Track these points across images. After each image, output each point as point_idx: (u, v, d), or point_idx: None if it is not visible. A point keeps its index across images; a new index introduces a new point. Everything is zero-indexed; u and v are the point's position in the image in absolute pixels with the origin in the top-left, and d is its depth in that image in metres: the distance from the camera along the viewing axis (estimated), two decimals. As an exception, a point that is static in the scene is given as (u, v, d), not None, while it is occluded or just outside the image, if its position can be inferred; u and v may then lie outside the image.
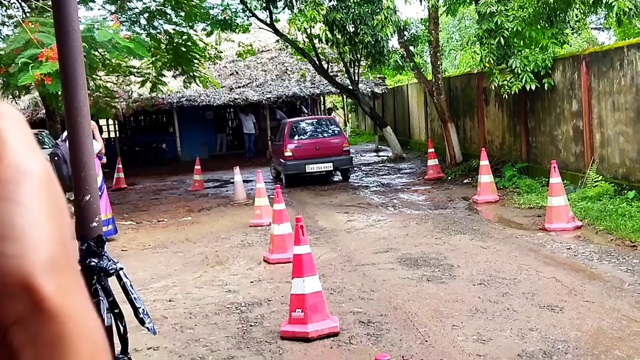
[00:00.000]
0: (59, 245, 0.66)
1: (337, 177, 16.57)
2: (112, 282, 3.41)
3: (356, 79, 19.95)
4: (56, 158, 9.47)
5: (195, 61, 15.76)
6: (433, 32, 16.06)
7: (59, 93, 10.42)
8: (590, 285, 6.42)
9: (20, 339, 0.63)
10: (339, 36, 16.05)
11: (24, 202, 0.64)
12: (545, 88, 12.34)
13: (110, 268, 2.89)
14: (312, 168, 15.39)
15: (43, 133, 16.11)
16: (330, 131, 16.24)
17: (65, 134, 9.66)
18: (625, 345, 4.88)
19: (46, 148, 14.91)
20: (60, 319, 0.63)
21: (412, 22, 17.06)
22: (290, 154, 15.39)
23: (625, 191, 9.96)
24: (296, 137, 15.79)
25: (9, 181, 0.64)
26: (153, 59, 15.32)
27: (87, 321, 0.67)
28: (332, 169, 15.60)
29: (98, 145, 9.27)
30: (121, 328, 3.06)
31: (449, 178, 15.13)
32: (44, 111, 17.31)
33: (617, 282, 6.48)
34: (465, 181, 14.49)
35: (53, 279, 0.63)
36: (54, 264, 0.64)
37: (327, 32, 15.27)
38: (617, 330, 5.20)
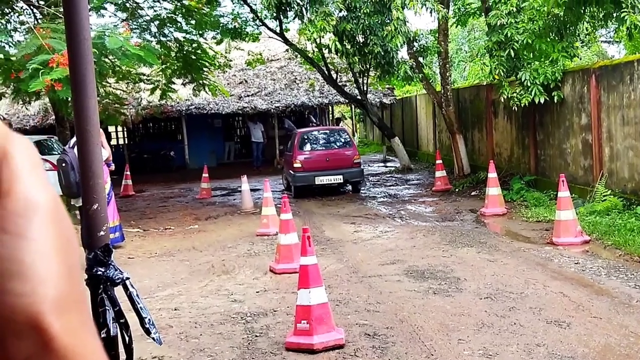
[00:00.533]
0: (68, 282, 0.65)
1: (348, 188, 16.25)
2: (118, 291, 3.41)
3: (365, 89, 19.97)
4: (64, 164, 9.50)
5: (205, 69, 15.80)
6: (442, 43, 16.07)
7: (69, 99, 10.48)
8: (597, 301, 6.37)
9: None
10: (348, 46, 16.07)
11: (34, 237, 0.63)
12: (555, 101, 12.31)
13: (116, 277, 2.89)
14: (321, 180, 15.09)
15: (52, 139, 16.17)
16: (341, 142, 16.03)
17: (73, 140, 9.70)
18: (633, 362, 4.84)
19: (55, 154, 14.96)
20: (68, 358, 0.63)
21: (422, 33, 17.09)
22: (299, 165, 15.17)
23: (634, 206, 9.90)
24: (306, 148, 15.59)
25: (18, 215, 0.63)
26: (163, 66, 15.38)
27: (94, 357, 0.66)
28: (342, 181, 15.32)
29: (105, 153, 9.29)
30: (126, 338, 3.06)
31: (457, 190, 15.09)
32: (53, 117, 17.38)
33: (625, 298, 6.43)
34: (473, 193, 14.44)
35: (61, 317, 0.63)
36: (62, 302, 0.64)
37: (337, 43, 15.31)
38: (625, 347, 5.15)
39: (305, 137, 16.01)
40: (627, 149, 10.41)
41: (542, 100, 12.32)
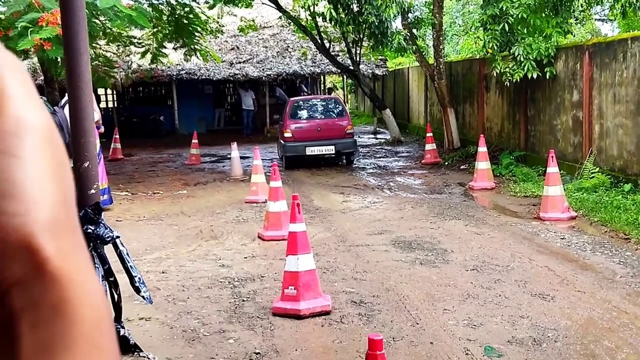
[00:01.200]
0: (61, 205, 0.64)
1: (344, 161, 15.78)
2: (108, 250, 3.41)
3: (358, 59, 19.85)
4: (53, 125, 9.41)
5: (197, 34, 15.64)
6: (437, 15, 15.96)
7: (59, 59, 10.35)
8: (582, 276, 6.44)
9: (20, 301, 0.61)
10: (342, 15, 15.92)
11: (26, 157, 0.61)
12: (547, 77, 12.31)
13: (107, 236, 2.89)
14: (312, 151, 14.71)
15: (41, 99, 16.02)
16: (334, 112, 15.60)
17: (64, 100, 9.59)
18: (614, 336, 4.91)
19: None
20: (63, 283, 0.62)
21: (417, 5, 16.97)
22: (290, 134, 14.79)
23: (622, 184, 9.97)
24: (297, 117, 15.21)
25: (10, 133, 0.61)
26: (154, 30, 15.20)
27: (90, 284, 0.65)
28: (334, 152, 14.91)
29: (96, 115, 9.21)
30: (115, 296, 3.07)
31: (446, 163, 15.13)
32: (42, 77, 17.18)
33: (610, 273, 6.51)
34: (462, 167, 14.49)
35: (55, 240, 0.62)
36: (55, 225, 0.62)
37: (332, 10, 15.18)
38: (607, 321, 5.22)
39: (297, 106, 15.62)
40: (617, 127, 10.45)
41: (534, 76, 12.31)
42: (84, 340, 0.62)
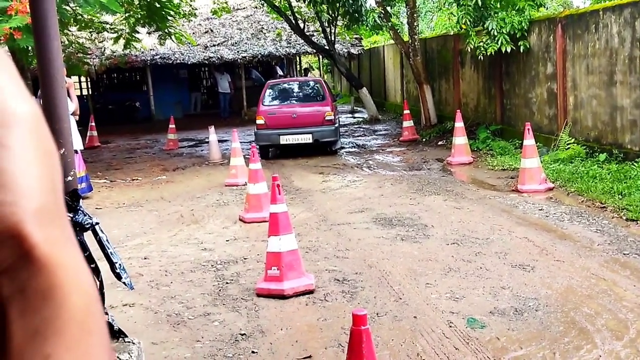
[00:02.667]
0: (49, 193, 0.64)
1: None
2: (88, 237, 3.40)
3: (333, 39, 19.79)
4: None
5: (170, 18, 15.47)
6: (410, -8, 15.93)
7: (30, 48, 10.20)
8: (561, 245, 6.54)
9: (9, 288, 0.62)
10: (316, -6, 15.87)
11: (14, 146, 0.61)
12: (521, 51, 12.37)
13: (86, 223, 2.87)
14: (287, 139, 13.44)
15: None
16: (313, 97, 14.30)
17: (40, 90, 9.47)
18: (593, 302, 5.00)
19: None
20: (51, 269, 0.62)
21: (390, -18, 16.90)
22: (262, 121, 13.56)
23: (597, 154, 10.10)
24: (271, 103, 14.00)
25: None
26: (126, 14, 15.02)
27: (78, 271, 0.66)
28: (311, 141, 13.48)
29: (72, 106, 9.07)
30: (97, 283, 3.06)
31: (424, 140, 15.20)
32: (13, 67, 16.91)
33: (587, 242, 6.61)
34: (439, 143, 14.56)
35: (43, 227, 0.62)
36: (44, 213, 0.63)
37: (305, -10, 15.09)
38: (586, 288, 5.32)
39: (272, 90, 14.39)
40: (591, 98, 10.55)
41: (508, 50, 12.37)
42: (73, 324, 0.63)
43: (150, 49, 21.94)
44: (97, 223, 3.02)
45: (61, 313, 0.62)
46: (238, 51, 23.47)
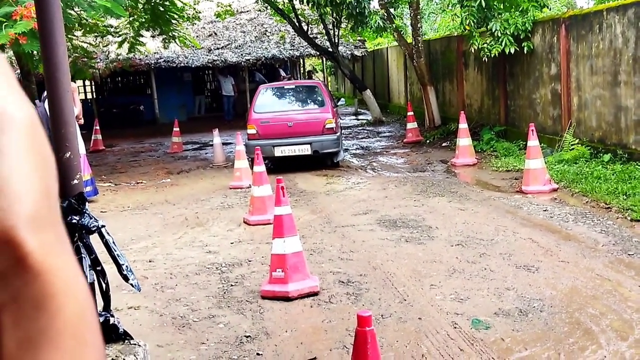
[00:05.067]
0: (44, 199, 0.63)
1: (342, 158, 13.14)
2: (94, 240, 3.42)
3: (336, 41, 19.81)
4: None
5: (174, 21, 15.51)
6: (414, -6, 15.95)
7: (35, 52, 10.24)
8: (565, 246, 6.53)
9: (2, 296, 0.60)
10: (319, -4, 15.87)
11: (9, 151, 0.60)
12: (525, 51, 12.38)
13: (92, 225, 2.89)
14: (282, 151, 12.04)
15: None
16: (312, 102, 12.85)
17: (45, 93, 9.49)
18: (598, 303, 5.00)
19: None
20: (45, 277, 0.61)
21: (393, -16, 16.92)
22: (254, 131, 12.10)
23: (601, 154, 10.09)
24: (265, 109, 12.41)
25: None
26: (131, 18, 15.06)
27: (72, 278, 0.65)
28: (310, 152, 12.09)
29: (75, 111, 9.09)
30: (103, 285, 3.08)
31: (428, 141, 15.20)
32: (18, 71, 17.00)
33: (592, 242, 6.61)
34: (443, 144, 14.56)
35: (37, 234, 0.61)
36: (38, 219, 0.62)
37: (309, -8, 15.09)
38: (591, 289, 5.31)
39: (265, 95, 12.87)
40: (595, 98, 10.54)
41: (512, 51, 12.37)
42: (67, 333, 0.62)
43: (155, 53, 21.99)
44: (103, 225, 3.03)
45: (55, 322, 0.61)
46: (242, 54, 23.50)
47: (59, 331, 0.62)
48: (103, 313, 3.17)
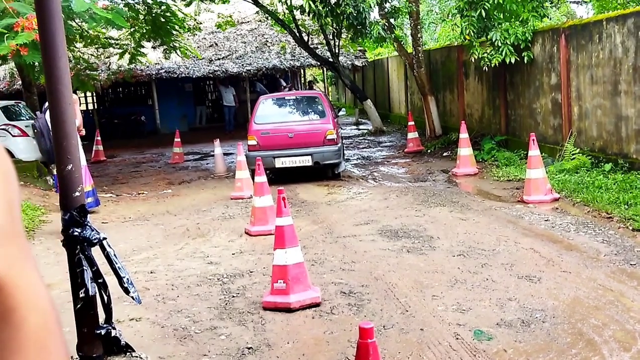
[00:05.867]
0: (6, 214, 0.63)
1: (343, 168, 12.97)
2: (96, 252, 3.42)
3: (337, 51, 19.86)
4: (35, 130, 9.36)
5: (175, 32, 15.58)
6: (413, 4, 15.99)
7: (36, 63, 10.28)
8: (567, 256, 6.52)
9: None
10: (320, 7, 15.90)
11: None
12: (525, 61, 12.40)
13: (93, 238, 2.89)
14: (283, 162, 11.98)
15: (20, 104, 15.86)
16: (312, 113, 12.77)
17: (45, 105, 9.51)
18: (601, 313, 4.99)
19: (22, 120, 14.70)
20: (8, 291, 0.61)
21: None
22: (254, 142, 12.05)
23: (602, 164, 10.08)
24: (265, 120, 12.33)
25: None
26: (132, 29, 15.12)
27: (35, 291, 0.65)
28: (311, 163, 12.01)
29: (76, 122, 9.10)
30: (105, 297, 3.07)
31: (429, 151, 15.21)
32: (20, 82, 17.04)
33: (594, 252, 6.59)
34: (444, 154, 14.57)
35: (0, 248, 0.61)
36: (0, 233, 0.62)
37: (310, 3, 15.12)
38: (594, 299, 5.30)
39: (265, 106, 12.82)
40: (595, 108, 10.55)
41: (512, 61, 12.39)
42: (31, 344, 0.63)
43: (156, 63, 22.07)
44: (104, 238, 3.03)
45: (18, 334, 0.61)
46: (242, 64, 23.58)
47: (22, 343, 0.61)
48: (105, 325, 3.16)
